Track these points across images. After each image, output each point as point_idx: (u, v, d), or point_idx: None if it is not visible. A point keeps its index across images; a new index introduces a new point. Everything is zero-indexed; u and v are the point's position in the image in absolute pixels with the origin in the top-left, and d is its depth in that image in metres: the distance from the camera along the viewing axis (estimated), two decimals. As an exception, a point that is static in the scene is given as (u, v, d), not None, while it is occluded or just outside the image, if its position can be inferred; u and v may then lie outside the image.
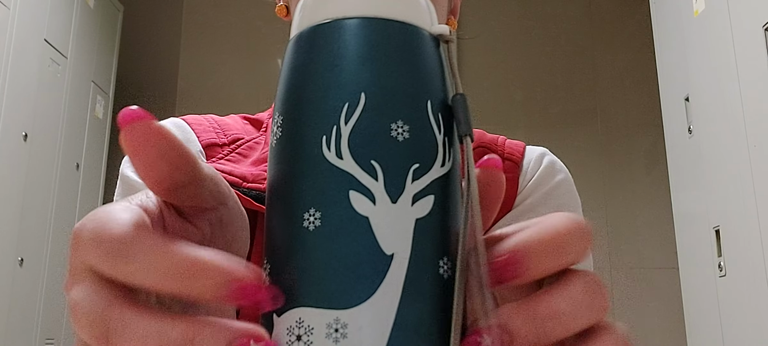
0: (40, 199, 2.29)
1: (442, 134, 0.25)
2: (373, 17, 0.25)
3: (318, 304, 0.22)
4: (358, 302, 0.22)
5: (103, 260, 0.22)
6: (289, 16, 0.64)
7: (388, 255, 0.23)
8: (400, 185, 0.23)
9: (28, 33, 2.22)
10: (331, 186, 0.23)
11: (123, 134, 0.24)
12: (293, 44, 0.26)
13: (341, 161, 0.23)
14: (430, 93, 0.25)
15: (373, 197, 0.23)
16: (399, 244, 0.23)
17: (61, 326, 2.44)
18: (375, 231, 0.23)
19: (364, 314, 0.22)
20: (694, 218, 1.89)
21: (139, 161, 0.24)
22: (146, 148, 0.24)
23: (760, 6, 1.54)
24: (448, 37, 0.27)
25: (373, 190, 0.23)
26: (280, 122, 0.25)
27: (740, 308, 1.62)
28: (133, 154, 0.24)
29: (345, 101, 0.24)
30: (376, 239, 0.23)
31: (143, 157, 0.24)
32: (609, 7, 3.19)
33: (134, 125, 0.24)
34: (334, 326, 0.22)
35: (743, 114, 1.60)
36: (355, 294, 0.22)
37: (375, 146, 0.23)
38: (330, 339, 0.22)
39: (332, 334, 0.22)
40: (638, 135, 3.03)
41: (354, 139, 0.23)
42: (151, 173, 0.25)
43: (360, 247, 0.22)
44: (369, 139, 0.23)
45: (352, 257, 0.22)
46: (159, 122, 0.24)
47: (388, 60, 0.25)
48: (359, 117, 0.24)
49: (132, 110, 0.24)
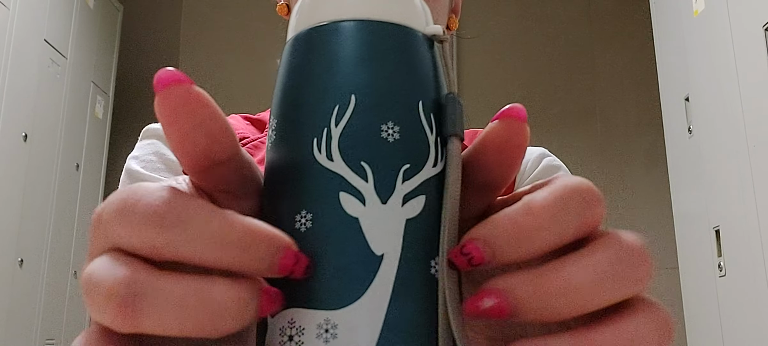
0: (40, 199, 2.29)
1: (434, 134, 0.25)
2: (365, 20, 0.25)
3: (309, 304, 0.22)
4: (349, 302, 0.22)
5: (136, 230, 0.20)
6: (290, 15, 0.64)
7: (377, 256, 0.23)
8: (390, 185, 0.23)
9: (28, 33, 2.22)
10: (321, 188, 0.23)
11: (158, 99, 0.21)
12: (288, 47, 0.27)
13: (332, 163, 0.23)
14: (422, 94, 0.25)
15: (363, 198, 0.23)
16: (389, 244, 0.23)
17: (61, 326, 2.44)
18: (365, 232, 0.23)
19: (354, 314, 0.22)
20: (694, 218, 1.89)
21: (174, 131, 0.22)
22: (184, 116, 0.22)
23: (760, 6, 1.54)
24: (442, 37, 0.27)
25: (363, 191, 0.23)
26: (275, 125, 0.26)
27: (740, 308, 1.62)
28: (168, 122, 0.22)
29: (336, 103, 0.24)
30: (366, 239, 0.23)
31: (179, 126, 0.22)
32: (609, 7, 3.19)
33: (171, 89, 0.21)
34: (325, 326, 0.22)
35: (743, 114, 1.60)
36: (346, 295, 0.22)
37: (365, 147, 0.24)
38: (320, 339, 0.22)
39: (323, 334, 0.22)
40: (638, 135, 3.03)
41: (344, 141, 0.24)
42: (185, 144, 0.22)
43: (350, 248, 0.23)
44: (359, 141, 0.24)
45: (342, 258, 0.23)
46: (199, 89, 0.22)
47: (378, 62, 0.25)
48: (349, 119, 0.24)
49: (169, 72, 0.22)
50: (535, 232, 0.22)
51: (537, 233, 0.22)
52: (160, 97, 0.21)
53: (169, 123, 0.22)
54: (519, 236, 0.22)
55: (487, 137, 0.25)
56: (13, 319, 2.12)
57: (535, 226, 0.22)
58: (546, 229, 0.22)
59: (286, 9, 0.65)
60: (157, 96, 0.22)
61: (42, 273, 2.30)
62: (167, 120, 0.22)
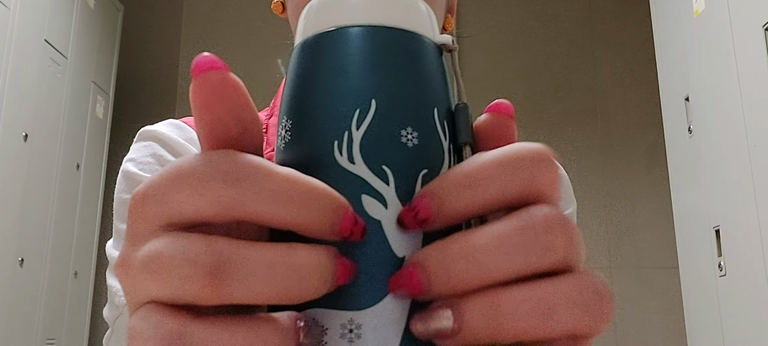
0: (40, 199, 2.29)
1: (447, 141, 0.26)
2: (380, 26, 0.26)
3: (332, 305, 0.23)
4: (372, 303, 0.23)
5: (200, 190, 0.20)
6: (285, 13, 0.64)
7: (399, 258, 0.23)
8: (410, 189, 0.24)
9: (28, 33, 2.22)
10: (343, 190, 0.23)
11: (194, 83, 0.22)
12: (303, 49, 0.27)
13: (353, 166, 0.24)
14: (436, 100, 0.26)
15: (384, 201, 0.24)
16: (409, 247, 0.23)
17: (62, 326, 2.44)
18: (387, 234, 0.23)
19: (378, 315, 0.23)
20: (694, 218, 1.89)
21: (207, 115, 0.22)
22: (219, 102, 0.22)
23: (760, 6, 1.54)
24: (452, 46, 0.27)
25: (385, 194, 0.24)
26: (289, 126, 0.26)
27: (740, 308, 1.62)
28: (203, 106, 0.22)
29: (356, 107, 0.24)
30: (388, 241, 0.23)
31: (213, 111, 0.22)
32: (609, 7, 3.19)
33: (209, 75, 0.21)
34: (349, 326, 0.23)
35: (743, 114, 1.60)
36: (370, 296, 0.23)
37: (386, 152, 0.24)
38: (344, 339, 0.22)
39: (347, 334, 0.22)
40: (638, 135, 3.03)
41: (366, 145, 0.24)
42: (217, 129, 0.22)
43: (373, 250, 0.23)
44: (380, 145, 0.24)
45: (365, 259, 0.23)
46: (235, 76, 0.22)
47: (397, 68, 0.25)
48: (370, 123, 0.24)
49: (207, 57, 0.22)
50: (481, 181, 0.22)
51: (483, 182, 0.22)
52: (196, 82, 0.22)
53: (203, 107, 0.22)
54: (464, 184, 0.22)
55: (478, 127, 0.26)
56: (14, 319, 2.12)
57: (481, 176, 0.22)
58: (492, 179, 0.22)
59: (281, 7, 0.65)
60: (193, 80, 0.22)
61: (42, 273, 2.30)
62: (202, 104, 0.22)
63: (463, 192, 0.22)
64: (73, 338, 2.53)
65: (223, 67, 0.22)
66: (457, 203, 0.22)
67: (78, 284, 2.57)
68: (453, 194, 0.22)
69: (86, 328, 2.64)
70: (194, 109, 0.22)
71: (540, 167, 0.23)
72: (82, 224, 2.59)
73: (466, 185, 0.22)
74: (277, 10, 0.65)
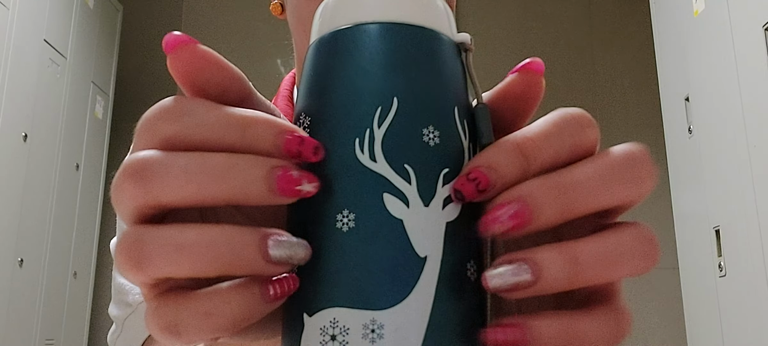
0: (40, 199, 2.29)
1: (467, 140, 0.25)
2: (401, 23, 0.25)
3: (353, 304, 0.23)
4: (394, 302, 0.23)
5: (152, 127, 0.23)
6: (284, 15, 0.64)
7: (421, 257, 0.23)
8: (432, 188, 0.24)
9: (28, 33, 2.22)
10: (364, 188, 0.23)
11: (169, 61, 0.24)
12: (320, 46, 0.26)
13: (375, 164, 0.24)
14: (456, 100, 0.26)
15: (406, 200, 0.23)
16: (431, 246, 0.23)
17: (61, 326, 2.44)
18: (409, 234, 0.23)
19: (400, 314, 0.22)
20: (694, 218, 1.89)
21: (188, 87, 0.25)
22: (194, 73, 0.24)
23: (760, 6, 1.54)
24: (469, 45, 0.27)
25: (407, 193, 0.23)
26: (308, 123, 0.25)
27: (740, 308, 1.62)
28: (181, 81, 0.25)
29: (378, 105, 0.24)
30: (410, 241, 0.23)
31: (191, 82, 0.24)
32: (609, 7, 3.19)
33: (178, 51, 0.24)
34: (371, 326, 0.22)
35: (743, 114, 1.60)
36: (391, 295, 0.23)
37: (408, 150, 0.24)
38: (366, 339, 0.22)
39: (369, 334, 0.22)
40: (638, 135, 3.02)
41: (387, 143, 0.24)
42: (200, 96, 0.25)
43: (395, 249, 0.23)
44: (402, 144, 0.24)
45: (387, 259, 0.23)
46: (203, 46, 0.24)
47: (418, 66, 0.25)
48: (392, 121, 0.24)
49: (174, 36, 0.24)
50: (534, 150, 0.24)
51: (536, 151, 0.24)
52: (170, 59, 0.24)
53: (182, 82, 0.25)
54: (519, 154, 0.24)
55: (507, 88, 0.27)
56: (13, 319, 2.12)
57: (534, 146, 0.24)
58: (544, 148, 0.24)
59: (279, 8, 0.65)
60: (167, 59, 0.24)
61: (42, 273, 2.30)
62: (180, 79, 0.24)
63: (518, 162, 0.23)
64: (72, 339, 2.53)
65: (191, 41, 0.24)
66: (513, 171, 0.23)
67: (77, 284, 2.57)
68: (509, 165, 0.23)
69: (85, 328, 2.64)
70: (179, 83, 0.25)
71: (585, 130, 0.25)
72: (82, 224, 2.59)
73: (521, 155, 0.23)
74: (275, 11, 0.65)
